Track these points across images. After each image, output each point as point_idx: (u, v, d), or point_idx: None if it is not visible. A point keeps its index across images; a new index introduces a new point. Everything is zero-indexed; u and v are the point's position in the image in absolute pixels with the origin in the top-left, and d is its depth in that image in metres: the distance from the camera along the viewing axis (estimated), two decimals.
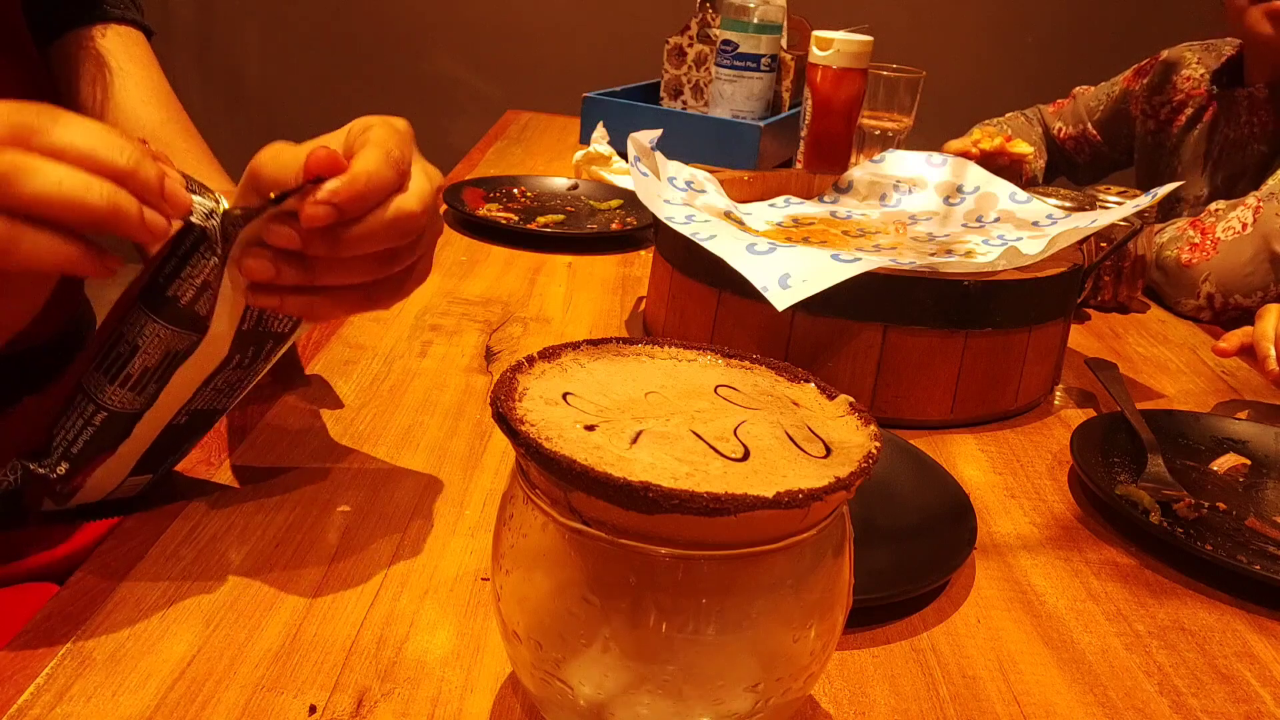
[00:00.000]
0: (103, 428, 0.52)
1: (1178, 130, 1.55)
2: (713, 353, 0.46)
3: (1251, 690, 0.53)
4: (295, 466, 0.65)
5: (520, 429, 0.37)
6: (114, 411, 0.52)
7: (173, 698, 0.45)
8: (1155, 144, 1.59)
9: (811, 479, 0.36)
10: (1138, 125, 1.63)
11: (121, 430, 0.53)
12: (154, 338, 0.50)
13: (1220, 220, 1.17)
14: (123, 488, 0.57)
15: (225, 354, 0.53)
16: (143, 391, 0.52)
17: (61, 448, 0.52)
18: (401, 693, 0.47)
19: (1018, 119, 1.76)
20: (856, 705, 0.49)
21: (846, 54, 1.36)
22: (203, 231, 0.48)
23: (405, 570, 0.56)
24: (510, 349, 0.87)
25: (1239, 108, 1.43)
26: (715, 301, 0.83)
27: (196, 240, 0.48)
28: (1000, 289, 0.79)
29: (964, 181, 1.05)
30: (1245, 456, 0.77)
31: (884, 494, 0.66)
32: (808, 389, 0.44)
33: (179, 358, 0.51)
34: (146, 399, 0.52)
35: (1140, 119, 1.62)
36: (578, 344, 0.44)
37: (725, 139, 1.57)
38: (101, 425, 0.52)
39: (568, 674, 0.38)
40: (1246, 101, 1.41)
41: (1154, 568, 0.64)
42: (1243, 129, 1.42)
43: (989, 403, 0.82)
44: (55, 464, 0.52)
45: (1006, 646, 0.55)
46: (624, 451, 0.36)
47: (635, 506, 0.34)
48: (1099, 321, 1.10)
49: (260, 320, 0.54)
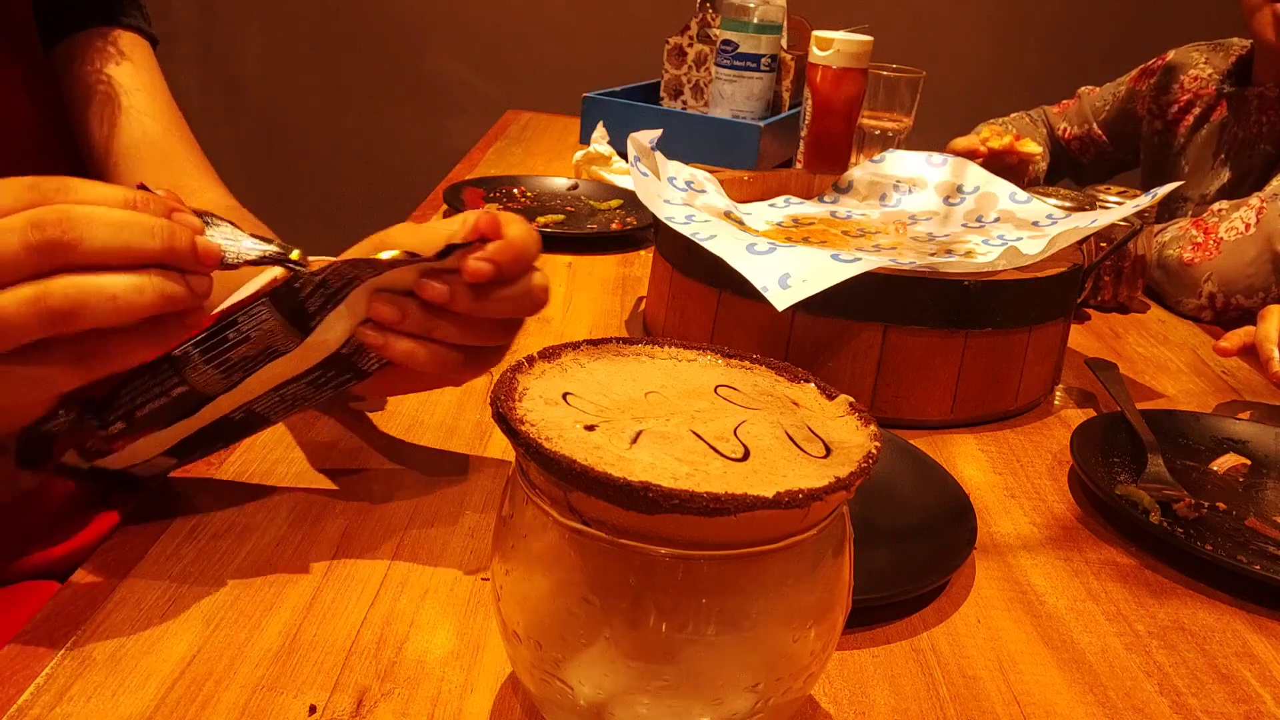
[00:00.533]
0: (176, 401, 0.53)
1: (1185, 130, 1.55)
2: (713, 353, 0.46)
3: (1251, 690, 0.53)
4: (295, 466, 0.65)
5: (520, 429, 0.37)
6: (194, 389, 0.53)
7: (173, 698, 0.45)
8: (1162, 144, 1.59)
9: (811, 479, 0.36)
10: (1144, 126, 1.63)
11: (190, 408, 0.54)
12: (267, 331, 0.52)
13: (1223, 220, 1.17)
14: (147, 465, 0.57)
15: (312, 366, 0.55)
16: (229, 377, 0.53)
17: (124, 409, 0.52)
18: (401, 693, 0.47)
19: (1022, 119, 1.76)
20: (856, 705, 0.49)
21: (846, 54, 1.36)
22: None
23: (405, 570, 0.56)
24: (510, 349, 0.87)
25: (1249, 107, 1.43)
26: (715, 301, 0.83)
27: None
28: (1000, 289, 0.79)
29: (964, 181, 1.05)
30: (1245, 456, 0.77)
31: (884, 494, 0.66)
32: (808, 389, 0.44)
33: (275, 355, 0.53)
34: (227, 385, 0.54)
35: (1146, 119, 1.62)
36: (578, 344, 0.44)
37: (725, 139, 1.57)
38: (176, 399, 0.53)
39: (568, 674, 0.38)
40: (1257, 100, 1.41)
41: (1154, 568, 0.64)
42: (1251, 128, 1.42)
43: (989, 403, 0.82)
44: (111, 421, 0.52)
45: (1006, 646, 0.55)
46: (624, 451, 0.36)
47: (635, 506, 0.34)
48: (1099, 321, 1.10)
49: (356, 351, 0.56)
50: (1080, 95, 1.74)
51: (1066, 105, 1.75)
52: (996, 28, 2.91)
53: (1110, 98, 1.68)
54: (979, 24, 2.91)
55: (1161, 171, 1.58)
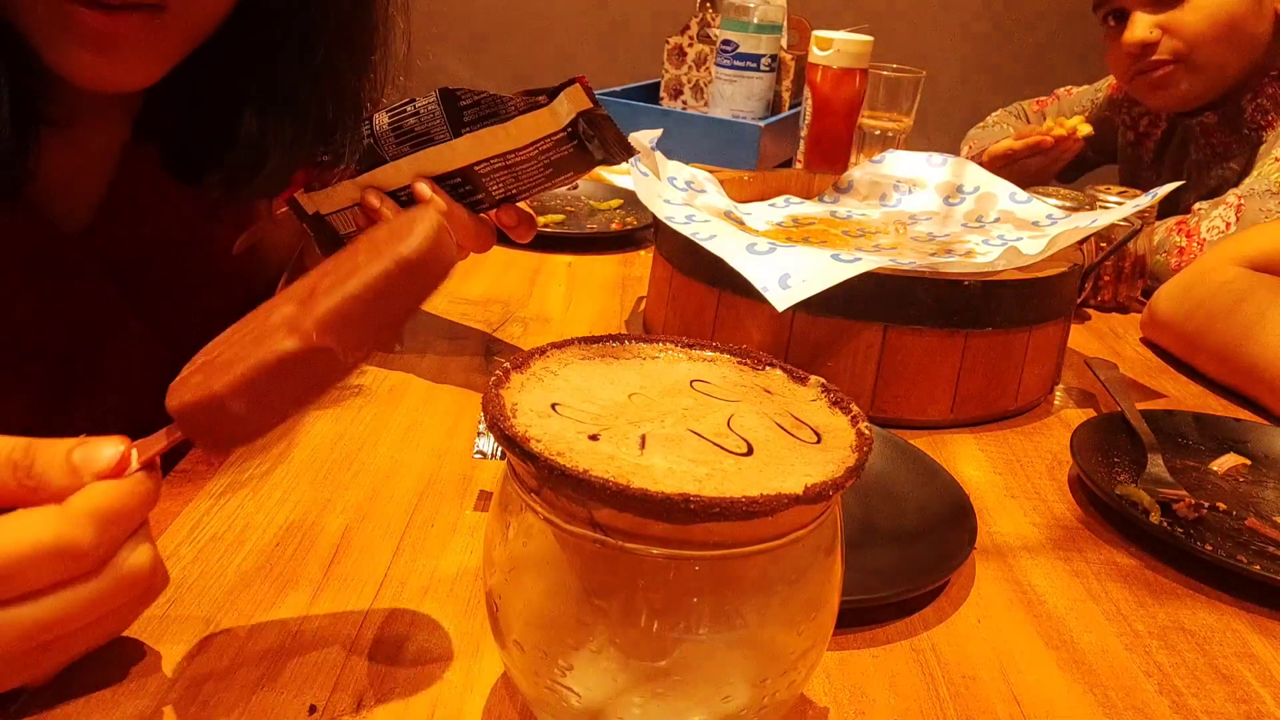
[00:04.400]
0: (365, 153, 0.76)
1: (1154, 145, 1.56)
2: (671, 344, 0.46)
3: (1251, 690, 0.53)
4: (295, 467, 0.65)
5: (537, 450, 0.35)
6: (374, 145, 0.75)
7: (172, 698, 0.45)
8: (1135, 156, 1.60)
9: (818, 466, 0.36)
10: (1119, 135, 1.63)
11: (367, 165, 0.76)
12: (430, 114, 0.73)
13: (1204, 219, 1.17)
14: (341, 215, 0.79)
15: (451, 170, 0.74)
16: (398, 146, 0.74)
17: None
18: (401, 693, 0.47)
19: (1007, 118, 1.76)
20: (856, 705, 0.49)
21: (846, 54, 1.36)
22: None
23: (405, 570, 0.56)
24: (510, 349, 0.87)
25: (1194, 133, 1.44)
26: (715, 301, 0.83)
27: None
28: (1000, 289, 0.79)
29: (964, 181, 1.05)
30: (1245, 456, 0.77)
31: (884, 494, 0.66)
32: (774, 374, 0.44)
33: (429, 142, 0.74)
34: (395, 154, 0.75)
35: (1122, 129, 1.62)
36: (543, 349, 0.43)
37: (725, 139, 1.57)
38: (365, 151, 0.76)
39: (566, 677, 0.38)
40: (1200, 128, 1.42)
41: (1154, 568, 0.64)
42: (1204, 151, 1.43)
43: (989, 403, 0.82)
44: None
45: (1006, 646, 0.55)
46: (637, 459, 0.36)
47: (674, 519, 0.33)
48: (1099, 321, 1.10)
49: (483, 176, 0.74)
50: (1058, 96, 1.74)
51: (1044, 103, 1.75)
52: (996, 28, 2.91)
53: (1089, 103, 1.68)
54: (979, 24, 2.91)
55: (1137, 181, 1.59)
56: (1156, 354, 1.02)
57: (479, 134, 0.71)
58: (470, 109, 0.71)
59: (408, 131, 0.73)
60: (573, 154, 0.71)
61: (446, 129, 0.72)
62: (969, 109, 1.96)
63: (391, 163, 0.74)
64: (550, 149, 0.71)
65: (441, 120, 0.72)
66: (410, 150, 0.73)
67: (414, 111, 0.72)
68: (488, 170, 0.73)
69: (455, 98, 0.71)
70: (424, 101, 0.72)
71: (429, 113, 0.72)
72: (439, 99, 0.71)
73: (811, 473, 0.36)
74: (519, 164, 0.72)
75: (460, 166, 0.73)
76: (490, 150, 0.72)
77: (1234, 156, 1.39)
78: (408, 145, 0.73)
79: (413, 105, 0.72)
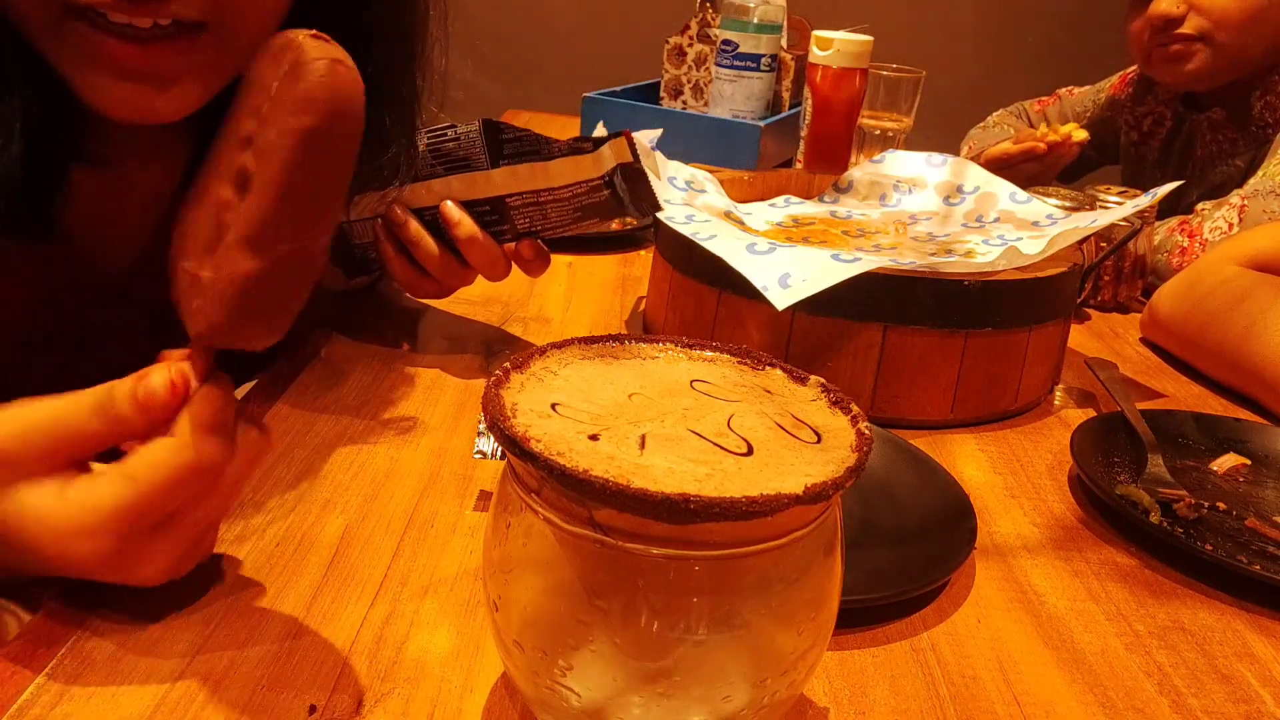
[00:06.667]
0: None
1: (1158, 145, 1.56)
2: (671, 344, 0.46)
3: (1251, 690, 0.53)
4: (296, 467, 0.65)
5: (537, 450, 0.35)
6: (410, 163, 0.75)
7: (173, 698, 0.45)
8: (1138, 156, 1.60)
9: (818, 466, 0.36)
10: (1122, 134, 1.63)
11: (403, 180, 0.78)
12: (470, 141, 0.75)
13: (1207, 220, 1.17)
14: (364, 224, 0.81)
15: (483, 197, 0.76)
16: (433, 166, 0.77)
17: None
18: (401, 693, 0.47)
19: (1007, 118, 1.76)
20: (856, 705, 0.49)
21: (846, 54, 1.36)
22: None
23: (405, 570, 0.56)
24: (510, 349, 0.87)
25: (1202, 129, 1.44)
26: (715, 301, 0.83)
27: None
28: (1000, 289, 0.79)
29: (964, 181, 1.05)
30: (1245, 456, 0.77)
31: (884, 494, 0.66)
32: (774, 374, 0.44)
33: (467, 166, 0.76)
34: (429, 174, 0.77)
35: (1125, 129, 1.62)
36: (543, 349, 0.43)
37: (725, 139, 1.57)
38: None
39: (568, 678, 0.38)
40: (1208, 124, 1.42)
41: (1154, 568, 0.64)
42: (1210, 148, 1.43)
43: (989, 403, 0.82)
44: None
45: (1006, 646, 0.55)
46: (637, 459, 0.36)
47: (675, 519, 0.33)
48: (1099, 321, 1.10)
49: (512, 209, 0.76)
50: (1059, 96, 1.74)
51: (1046, 103, 1.75)
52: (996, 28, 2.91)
53: (1091, 104, 1.68)
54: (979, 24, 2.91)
55: (1139, 181, 1.59)
56: (1156, 354, 1.02)
57: (516, 168, 0.74)
58: (511, 143, 0.74)
59: (445, 155, 0.75)
60: (604, 202, 0.74)
61: (485, 158, 0.74)
62: (969, 109, 1.96)
63: (423, 181, 0.76)
64: (584, 194, 0.73)
65: (481, 149, 0.74)
66: (444, 172, 0.75)
67: (454, 136, 0.74)
68: (519, 204, 0.75)
69: (498, 129, 0.73)
70: (465, 128, 0.74)
71: (469, 139, 0.74)
72: (481, 128, 0.74)
73: (811, 473, 0.36)
74: (550, 203, 0.75)
75: (492, 195, 0.75)
76: (525, 185, 0.74)
77: (1240, 153, 1.39)
78: (442, 167, 0.75)
79: (454, 130, 0.74)
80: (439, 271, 0.79)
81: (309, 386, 0.76)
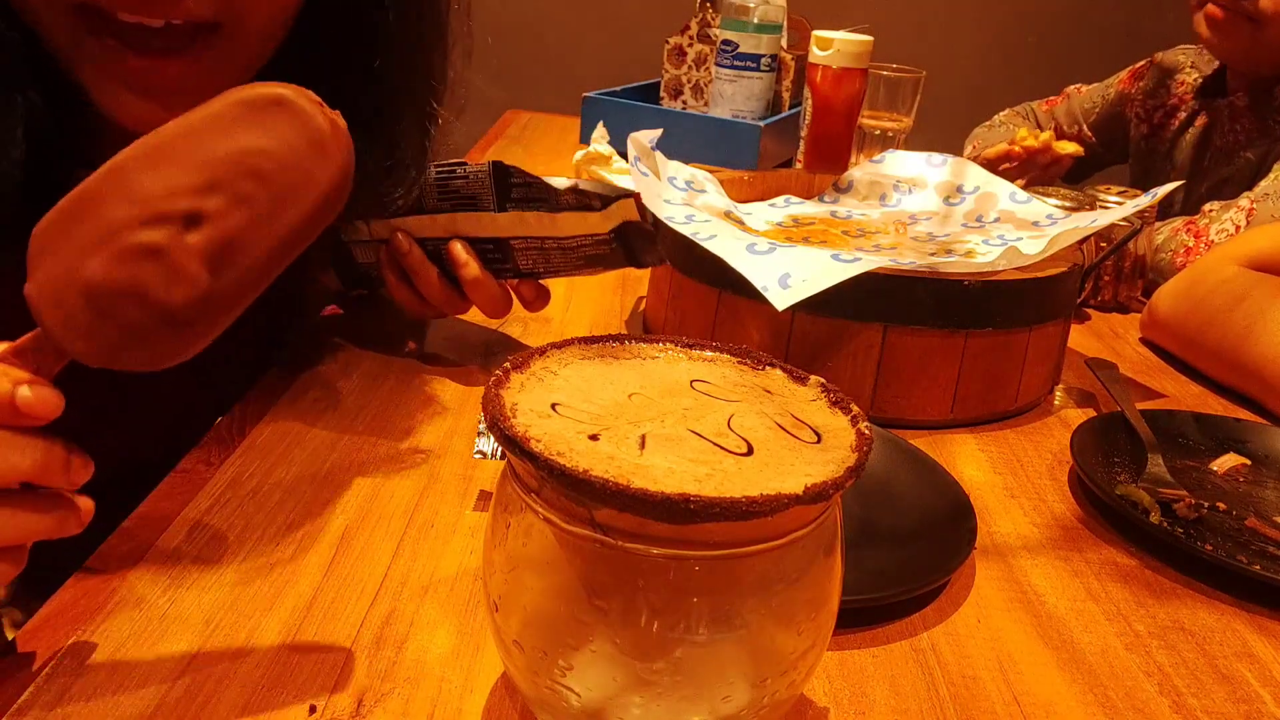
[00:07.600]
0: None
1: (1170, 135, 1.55)
2: (671, 344, 0.46)
3: (1251, 690, 0.53)
4: (295, 467, 0.65)
5: (537, 450, 0.35)
6: (418, 198, 0.75)
7: (173, 698, 0.45)
8: (1149, 149, 1.59)
9: (818, 466, 0.36)
10: (1132, 129, 1.63)
11: (409, 210, 0.76)
12: (479, 181, 0.75)
13: (1214, 221, 1.17)
14: (368, 246, 0.82)
15: (488, 235, 0.77)
16: (440, 201, 0.77)
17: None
18: (401, 693, 0.47)
19: (1014, 118, 1.75)
20: (856, 705, 0.49)
21: (846, 54, 1.36)
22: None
23: (405, 570, 0.56)
24: (510, 349, 0.87)
25: (1222, 116, 1.43)
26: (715, 301, 0.83)
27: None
28: (1000, 289, 0.79)
29: (964, 181, 1.05)
30: (1245, 456, 0.77)
31: (884, 494, 0.66)
32: (774, 374, 0.44)
33: (473, 206, 0.76)
34: (435, 208, 0.77)
35: (1134, 122, 1.62)
36: (543, 349, 0.43)
37: (725, 139, 1.57)
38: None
39: (568, 678, 0.38)
40: (1228, 110, 1.42)
41: (1154, 568, 0.64)
42: (1228, 137, 1.43)
43: (989, 403, 0.82)
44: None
45: (1006, 646, 0.55)
46: (637, 459, 0.36)
47: (674, 519, 0.33)
48: (1099, 321, 1.10)
49: (516, 250, 0.77)
50: (1068, 94, 1.74)
51: (1054, 102, 1.74)
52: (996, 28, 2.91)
53: (1100, 100, 1.68)
54: (979, 24, 2.91)
55: (1149, 176, 1.58)
56: (1156, 354, 1.02)
57: (524, 215, 0.74)
58: (520, 188, 0.74)
59: (453, 191, 0.75)
60: (608, 254, 0.75)
61: (492, 199, 0.74)
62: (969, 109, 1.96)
63: (429, 214, 0.76)
64: (589, 246, 0.74)
65: (489, 190, 0.74)
66: (450, 209, 0.76)
67: (463, 174, 0.75)
68: (522, 246, 0.76)
69: (507, 173, 0.74)
70: (475, 168, 0.74)
71: (478, 179, 0.74)
72: (490, 170, 0.74)
73: (811, 473, 0.36)
74: (554, 250, 0.76)
75: (497, 236, 0.76)
76: (531, 231, 0.75)
77: (1253, 146, 1.38)
78: (448, 203, 0.76)
79: (463, 168, 0.75)
80: (438, 301, 0.80)
81: (309, 387, 0.76)
